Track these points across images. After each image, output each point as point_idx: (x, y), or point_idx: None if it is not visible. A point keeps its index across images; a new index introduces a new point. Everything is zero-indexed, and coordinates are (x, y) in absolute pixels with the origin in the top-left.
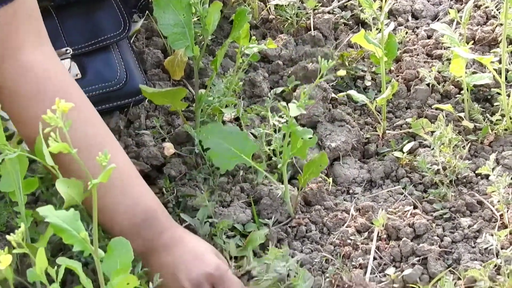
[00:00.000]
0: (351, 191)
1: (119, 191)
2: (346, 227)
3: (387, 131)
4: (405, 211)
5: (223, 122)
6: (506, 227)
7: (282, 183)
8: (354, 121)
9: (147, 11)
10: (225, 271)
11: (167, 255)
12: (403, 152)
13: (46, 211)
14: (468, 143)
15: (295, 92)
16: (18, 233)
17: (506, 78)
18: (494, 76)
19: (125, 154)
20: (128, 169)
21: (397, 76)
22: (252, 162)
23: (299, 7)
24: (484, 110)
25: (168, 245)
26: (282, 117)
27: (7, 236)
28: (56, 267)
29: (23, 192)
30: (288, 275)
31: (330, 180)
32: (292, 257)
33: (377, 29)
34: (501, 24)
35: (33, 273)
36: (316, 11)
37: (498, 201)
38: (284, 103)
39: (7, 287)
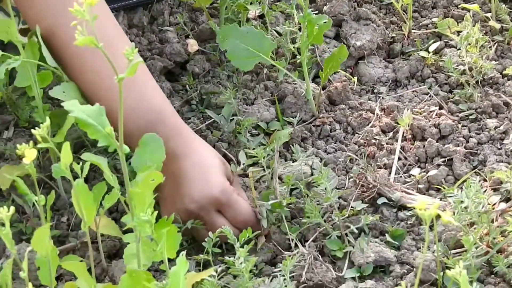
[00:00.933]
0: (376, 91)
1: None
2: (371, 126)
3: (412, 31)
4: (431, 111)
5: (247, 20)
6: None
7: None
8: (379, 20)
9: None
10: (230, 195)
11: (171, 165)
12: (429, 52)
13: (71, 106)
14: (495, 43)
15: None
16: (43, 127)
17: None
18: None
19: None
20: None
21: None
22: (271, 60)
23: None
24: (511, 10)
25: (174, 153)
26: None
27: (32, 130)
28: (80, 163)
29: (39, 86)
30: (311, 174)
31: (355, 79)
32: (316, 156)
33: None
34: None
35: (58, 169)
36: None
37: None
38: None
39: (30, 183)
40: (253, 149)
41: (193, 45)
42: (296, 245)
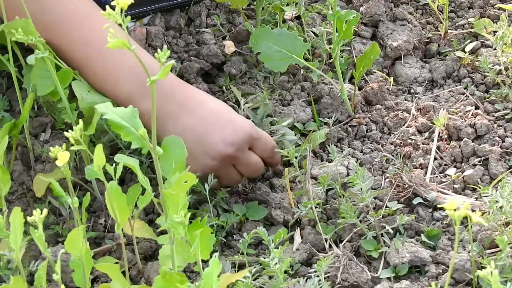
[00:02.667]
0: (412, 91)
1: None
2: (407, 126)
3: (449, 31)
4: (467, 111)
5: (284, 21)
6: None
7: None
8: (416, 20)
9: None
10: (256, 128)
11: (188, 117)
12: (465, 52)
13: (104, 108)
14: None
15: None
16: (76, 129)
17: None
18: None
19: None
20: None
21: None
22: (304, 61)
23: None
24: None
25: (186, 105)
26: None
27: (65, 133)
28: (114, 164)
29: (62, 87)
30: (347, 175)
31: (391, 79)
32: (352, 156)
33: None
34: None
35: (91, 171)
36: None
37: None
38: None
39: (67, 185)
40: (283, 149)
41: (230, 46)
42: (331, 246)
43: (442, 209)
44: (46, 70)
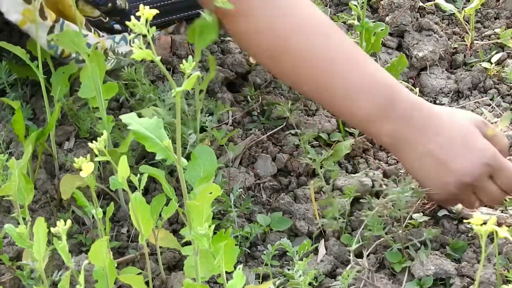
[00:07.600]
0: (437, 101)
1: (354, 72)
2: None
3: (475, 41)
4: (492, 123)
5: None
6: None
7: None
8: (442, 30)
9: None
10: (499, 158)
11: (426, 143)
12: (491, 63)
13: (129, 119)
14: None
15: (383, 1)
16: (100, 140)
17: None
18: None
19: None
20: (355, 48)
21: None
22: None
23: None
24: None
25: (423, 130)
26: None
27: (89, 144)
28: (139, 174)
29: (103, 97)
30: (373, 186)
31: (417, 90)
32: (377, 167)
33: None
34: None
35: (115, 181)
36: None
37: None
38: None
39: (90, 194)
40: (311, 159)
41: None
42: (355, 257)
43: (467, 221)
44: (96, 74)
